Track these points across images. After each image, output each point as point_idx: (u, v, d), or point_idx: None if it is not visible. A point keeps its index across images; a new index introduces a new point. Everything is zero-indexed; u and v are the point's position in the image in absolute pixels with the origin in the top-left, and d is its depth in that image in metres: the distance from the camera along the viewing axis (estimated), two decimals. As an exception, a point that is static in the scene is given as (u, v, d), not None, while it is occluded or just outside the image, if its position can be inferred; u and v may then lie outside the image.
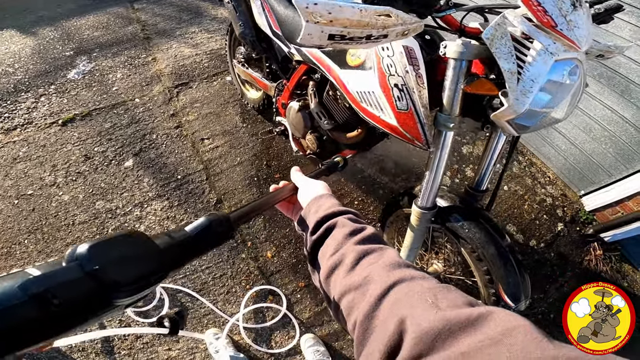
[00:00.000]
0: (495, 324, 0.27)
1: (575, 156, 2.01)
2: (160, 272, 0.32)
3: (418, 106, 0.82)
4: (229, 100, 2.28)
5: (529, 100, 0.66)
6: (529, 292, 1.01)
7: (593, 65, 1.74)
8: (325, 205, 0.52)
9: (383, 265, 0.39)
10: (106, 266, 0.27)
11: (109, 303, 0.28)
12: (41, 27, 2.93)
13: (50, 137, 2.05)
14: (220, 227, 0.42)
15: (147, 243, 0.32)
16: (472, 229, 1.00)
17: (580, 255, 1.89)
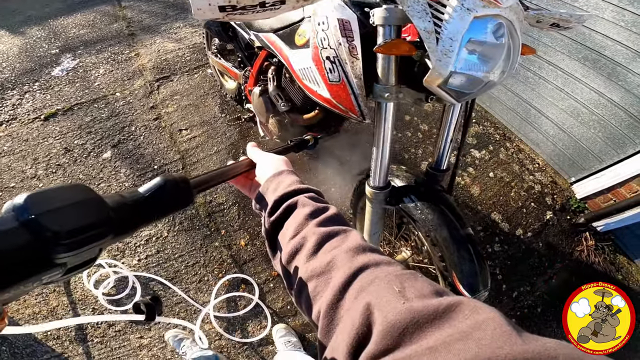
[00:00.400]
0: (463, 316, 0.26)
1: (564, 141, 1.98)
2: (105, 228, 0.29)
3: (350, 77, 0.81)
4: (209, 92, 2.32)
5: (452, 61, 0.64)
6: (487, 282, 0.96)
7: (576, 47, 1.72)
8: (285, 183, 0.49)
9: (346, 249, 0.38)
10: (43, 215, 0.24)
11: (48, 258, 0.25)
12: (29, 27, 2.99)
13: (33, 131, 2.10)
14: (176, 189, 0.38)
15: (92, 195, 0.29)
16: (425, 209, 0.97)
17: (570, 246, 1.85)
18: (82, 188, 0.29)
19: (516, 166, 2.11)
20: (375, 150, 0.90)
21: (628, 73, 1.57)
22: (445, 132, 0.97)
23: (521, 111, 2.16)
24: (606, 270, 1.78)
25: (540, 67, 1.94)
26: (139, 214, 0.34)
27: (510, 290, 1.67)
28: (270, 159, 0.54)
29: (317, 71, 0.89)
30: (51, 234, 0.25)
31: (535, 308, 1.64)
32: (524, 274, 1.72)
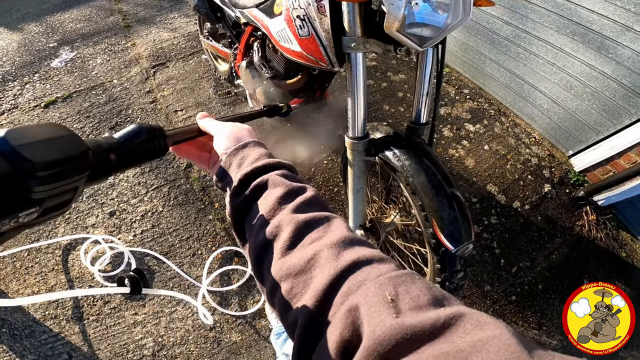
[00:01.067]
0: (464, 331, 0.22)
1: (559, 115, 2.00)
2: (81, 163, 0.29)
3: (319, 32, 0.88)
4: (204, 75, 2.40)
5: (402, 4, 0.71)
6: (471, 234, 0.95)
7: (564, 23, 1.75)
8: (251, 156, 0.43)
9: (330, 243, 0.33)
10: (22, 147, 0.25)
11: (24, 193, 0.25)
12: (27, 23, 3.11)
13: (34, 118, 2.20)
14: (152, 137, 0.39)
15: (70, 132, 0.30)
16: (403, 157, 1.00)
17: (571, 220, 1.84)
18: (61, 127, 0.30)
19: (512, 140, 2.13)
20: (350, 100, 0.95)
21: (617, 46, 1.59)
22: (421, 86, 1.00)
23: (515, 87, 2.19)
24: (609, 247, 1.76)
25: (530, 43, 1.97)
26: (114, 158, 0.34)
27: (509, 265, 1.67)
28: (230, 129, 0.47)
29: (289, 30, 0.96)
30: (30, 164, 0.25)
31: (536, 285, 1.63)
32: (523, 248, 1.72)
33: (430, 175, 0.96)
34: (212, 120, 0.49)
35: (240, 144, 0.45)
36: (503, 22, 2.05)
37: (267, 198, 0.39)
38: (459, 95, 2.37)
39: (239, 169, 0.43)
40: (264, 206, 0.39)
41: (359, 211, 1.22)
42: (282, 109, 0.75)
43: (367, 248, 0.33)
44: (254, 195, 0.41)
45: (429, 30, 0.79)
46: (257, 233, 0.38)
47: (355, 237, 0.34)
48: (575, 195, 1.92)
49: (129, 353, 1.40)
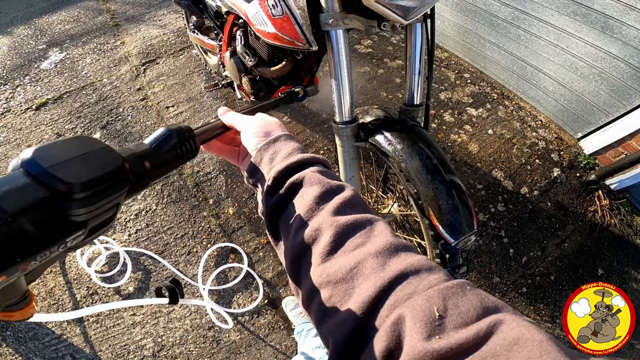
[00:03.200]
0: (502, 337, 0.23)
1: (565, 97, 2.00)
2: (121, 177, 0.28)
3: (294, 10, 0.89)
4: (194, 70, 2.44)
5: None
6: (473, 224, 0.90)
7: (563, 3, 1.76)
8: (283, 151, 0.43)
9: (375, 250, 0.32)
10: (56, 167, 0.24)
11: (65, 218, 0.25)
12: (15, 27, 3.18)
13: (26, 120, 2.26)
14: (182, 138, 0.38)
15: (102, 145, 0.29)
16: (395, 140, 0.96)
17: (582, 206, 1.82)
18: (91, 139, 0.29)
19: (517, 123, 2.13)
20: (334, 82, 0.93)
21: (622, 26, 1.60)
22: (412, 64, 0.97)
23: (517, 69, 2.20)
24: (624, 234, 1.74)
25: (530, 25, 1.98)
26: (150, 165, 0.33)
27: (519, 255, 1.65)
28: (259, 122, 0.47)
29: (263, 12, 0.97)
30: (66, 186, 0.24)
31: (548, 276, 1.62)
32: (533, 237, 1.70)
33: (425, 160, 0.92)
34: (235, 114, 0.49)
35: (270, 139, 0.44)
36: (501, 4, 2.06)
37: (303, 197, 0.38)
38: (459, 79, 2.38)
39: (271, 165, 0.42)
40: (300, 206, 0.38)
41: None
42: (299, 93, 0.78)
43: (414, 255, 0.32)
44: (289, 193, 0.40)
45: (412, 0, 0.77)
46: (294, 234, 0.37)
47: (400, 242, 0.34)
48: (587, 179, 1.90)
49: (129, 354, 1.43)
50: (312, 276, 0.34)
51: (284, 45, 0.98)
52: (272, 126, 0.47)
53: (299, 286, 0.37)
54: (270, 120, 0.48)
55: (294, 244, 0.37)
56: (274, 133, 0.46)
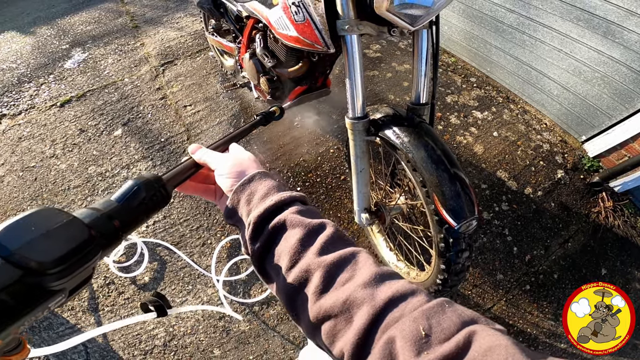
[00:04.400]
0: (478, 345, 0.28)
1: (570, 100, 2.05)
2: (89, 247, 0.30)
3: (314, 16, 1.00)
4: (211, 71, 2.57)
5: None
6: (474, 209, 0.97)
7: (567, 9, 1.82)
8: (260, 192, 0.44)
9: (363, 282, 0.36)
10: (23, 248, 0.25)
11: (42, 288, 0.26)
12: (38, 27, 3.35)
13: (50, 117, 2.40)
14: (151, 189, 0.38)
15: (65, 217, 0.29)
16: (403, 133, 1.03)
17: (586, 207, 1.84)
18: (52, 211, 0.29)
19: (522, 126, 2.18)
20: (348, 81, 1.03)
21: (623, 31, 1.65)
22: (418, 67, 1.05)
23: (522, 74, 2.26)
24: (627, 235, 1.76)
25: (534, 30, 2.04)
26: (119, 223, 0.34)
27: (522, 253, 1.67)
28: (231, 162, 0.47)
29: (286, 17, 1.08)
30: (38, 265, 0.25)
31: (552, 274, 1.63)
32: (536, 236, 1.72)
33: (430, 151, 0.99)
34: (207, 152, 0.49)
35: (245, 179, 0.45)
36: (506, 10, 2.14)
37: (287, 240, 0.40)
38: (465, 83, 2.46)
39: (249, 207, 0.43)
40: (286, 249, 0.40)
41: (363, 193, 1.28)
42: (274, 113, 0.76)
43: (397, 281, 0.37)
44: (272, 237, 0.42)
45: (419, 9, 0.87)
46: (284, 276, 0.40)
47: (384, 271, 0.38)
48: (590, 181, 1.92)
49: (141, 343, 1.49)
50: (311, 313, 0.37)
51: (304, 47, 1.09)
52: (246, 164, 0.47)
53: (297, 319, 0.40)
54: (242, 157, 0.48)
55: (286, 285, 0.39)
56: (248, 172, 0.46)
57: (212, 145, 0.52)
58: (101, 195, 1.97)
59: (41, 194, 2.00)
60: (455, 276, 1.15)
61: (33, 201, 1.98)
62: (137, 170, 2.04)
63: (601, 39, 1.75)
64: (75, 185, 2.01)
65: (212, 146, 0.52)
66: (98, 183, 2.01)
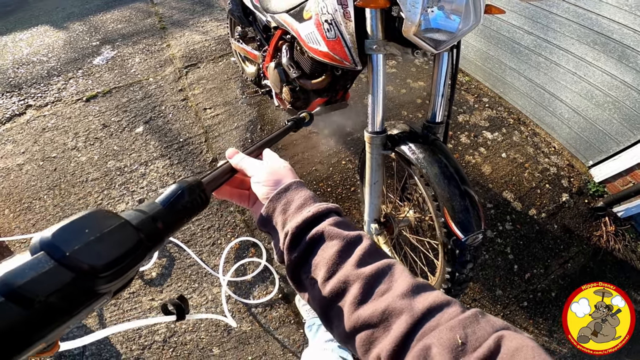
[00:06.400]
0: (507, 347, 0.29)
1: (580, 124, 1.99)
2: (138, 251, 0.29)
3: (345, 34, 0.98)
4: (232, 77, 2.53)
5: (418, 10, 0.80)
6: (481, 223, 0.99)
7: (584, 32, 1.76)
8: (296, 202, 0.43)
9: (400, 293, 0.36)
10: (78, 251, 0.25)
11: (92, 291, 0.26)
12: (71, 22, 3.34)
13: (76, 110, 2.37)
14: (193, 193, 0.38)
15: (116, 220, 0.29)
16: (418, 150, 1.05)
17: (588, 230, 1.81)
18: (104, 214, 0.29)
19: (530, 148, 2.13)
20: (370, 97, 1.03)
21: (638, 55, 1.60)
22: (437, 87, 1.06)
23: (535, 96, 2.20)
24: (627, 258, 1.73)
25: (551, 52, 1.98)
26: (163, 225, 0.34)
27: (523, 271, 1.65)
28: (268, 170, 0.46)
29: (317, 32, 1.07)
30: (91, 269, 0.25)
31: (550, 292, 1.61)
32: (537, 255, 1.70)
33: (443, 167, 1.01)
34: (244, 157, 0.48)
35: (281, 188, 0.44)
36: (524, 32, 2.07)
37: (325, 251, 0.40)
38: (477, 103, 2.39)
39: (284, 216, 0.43)
40: (324, 260, 0.40)
41: (375, 205, 1.27)
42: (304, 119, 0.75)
43: (433, 292, 0.37)
44: (309, 248, 0.41)
45: (443, 34, 0.87)
46: (322, 286, 0.39)
47: (419, 282, 0.38)
48: (594, 206, 1.88)
49: (140, 338, 1.45)
50: (348, 322, 0.37)
51: (333, 63, 1.08)
52: (282, 172, 0.46)
53: (330, 326, 0.40)
54: (279, 166, 0.47)
55: (321, 294, 0.39)
56: (284, 181, 0.45)
57: (247, 150, 0.51)
58: (117, 189, 1.94)
59: (59, 184, 1.97)
60: (458, 286, 1.15)
61: (50, 191, 1.94)
62: (155, 167, 2.01)
63: (615, 62, 1.70)
64: (94, 178, 1.98)
65: (247, 151, 0.51)
66: (116, 177, 1.97)
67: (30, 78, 2.68)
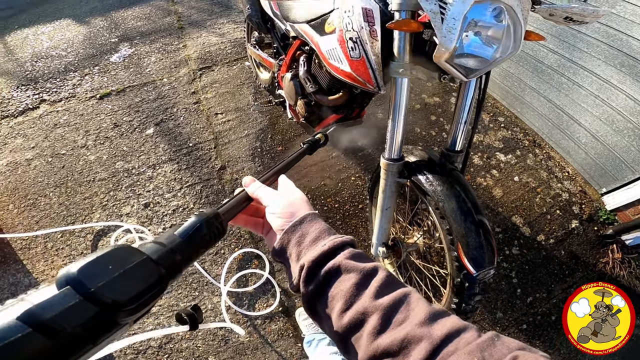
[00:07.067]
0: None
1: (596, 150, 1.90)
2: (160, 286, 0.30)
3: (370, 55, 0.90)
4: (245, 82, 2.44)
5: (454, 37, 0.71)
6: (493, 259, 0.96)
7: (613, 53, 1.66)
8: (311, 235, 0.43)
9: (419, 322, 0.36)
10: (103, 287, 0.25)
11: (115, 323, 0.26)
12: (93, 17, 3.27)
13: (88, 108, 2.31)
14: (211, 226, 0.38)
15: (137, 256, 0.30)
16: (436, 182, 0.99)
17: (595, 257, 1.76)
18: (126, 250, 0.30)
19: (544, 173, 2.03)
20: (390, 122, 0.95)
21: None
22: (460, 114, 0.99)
23: (553, 118, 2.09)
24: (631, 285, 1.68)
25: (575, 73, 1.87)
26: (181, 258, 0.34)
27: (525, 295, 1.61)
28: (283, 200, 0.46)
29: (341, 50, 0.98)
30: (114, 303, 0.26)
31: (550, 316, 1.57)
32: (541, 280, 1.65)
33: (461, 202, 0.96)
34: (260, 187, 0.48)
35: (296, 220, 0.44)
36: (548, 50, 1.96)
37: (342, 283, 0.40)
38: (493, 122, 2.28)
39: (299, 248, 0.43)
40: (341, 292, 0.40)
41: (384, 229, 1.22)
42: (319, 140, 0.72)
43: (449, 318, 0.37)
44: (326, 281, 0.41)
45: (477, 61, 0.79)
46: (339, 316, 0.39)
47: (435, 310, 0.37)
48: (603, 233, 1.83)
49: (135, 343, 1.39)
50: (366, 351, 0.36)
51: (355, 84, 1.00)
52: (297, 205, 0.46)
53: (348, 355, 0.39)
54: (294, 197, 0.47)
55: (340, 325, 0.39)
56: (298, 213, 0.45)
57: (263, 176, 0.52)
58: (124, 191, 1.87)
59: (66, 182, 1.91)
60: (463, 315, 1.11)
61: (57, 188, 1.89)
62: (162, 171, 1.94)
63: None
64: (101, 178, 1.92)
65: (263, 177, 0.51)
66: (123, 179, 1.90)
67: (47, 72, 2.63)
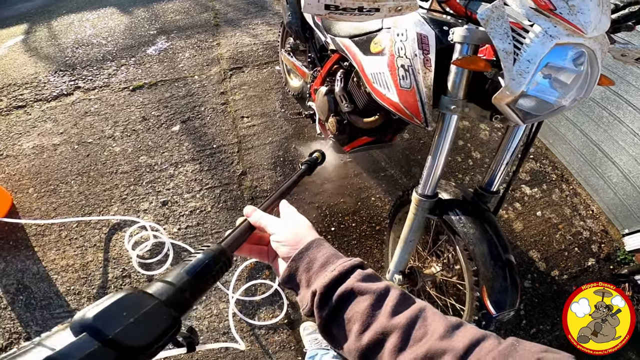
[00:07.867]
0: None
1: (626, 190, 1.76)
2: (174, 328, 0.30)
3: (421, 86, 0.81)
4: (274, 87, 2.35)
5: (525, 81, 0.61)
6: (516, 302, 0.91)
7: None
8: (319, 260, 0.42)
9: (439, 335, 0.35)
10: (120, 334, 0.26)
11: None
12: (136, 8, 3.25)
13: (120, 99, 2.28)
14: (218, 262, 0.38)
15: (150, 301, 0.30)
16: (468, 224, 0.93)
17: None
18: (138, 295, 0.30)
19: (568, 209, 1.90)
20: (430, 158, 0.88)
21: None
22: (503, 155, 0.92)
23: (587, 153, 1.93)
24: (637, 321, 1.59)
25: (618, 107, 1.72)
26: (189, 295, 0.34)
27: (529, 326, 1.55)
28: (288, 228, 0.45)
29: (390, 76, 0.89)
30: (132, 348, 0.26)
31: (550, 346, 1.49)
32: (548, 313, 1.58)
33: (492, 247, 0.91)
34: (263, 215, 0.46)
35: (302, 247, 0.43)
36: (595, 81, 1.80)
37: (357, 305, 0.39)
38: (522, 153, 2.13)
39: (308, 275, 0.42)
40: (357, 314, 0.38)
41: (404, 259, 1.16)
42: (317, 159, 0.68)
43: (469, 328, 0.36)
44: (340, 304, 0.39)
45: (539, 106, 0.69)
46: (357, 338, 0.38)
47: (453, 322, 0.36)
48: (618, 272, 1.76)
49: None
50: None
51: (400, 115, 0.91)
52: (302, 231, 0.45)
53: None
54: (299, 224, 0.45)
55: (359, 346, 0.37)
56: (304, 240, 0.43)
57: (264, 204, 0.50)
58: (144, 187, 1.82)
59: (89, 172, 1.87)
60: None
61: (79, 177, 1.85)
62: (184, 170, 1.88)
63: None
64: (124, 171, 1.87)
65: (263, 206, 0.49)
66: (145, 174, 1.85)
67: (86, 60, 2.61)
